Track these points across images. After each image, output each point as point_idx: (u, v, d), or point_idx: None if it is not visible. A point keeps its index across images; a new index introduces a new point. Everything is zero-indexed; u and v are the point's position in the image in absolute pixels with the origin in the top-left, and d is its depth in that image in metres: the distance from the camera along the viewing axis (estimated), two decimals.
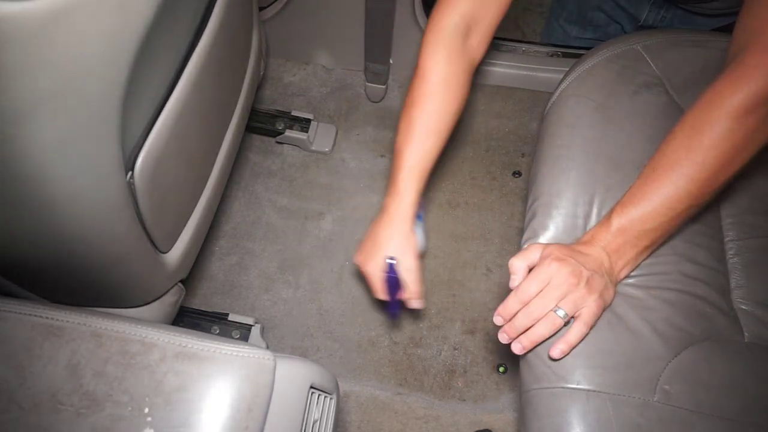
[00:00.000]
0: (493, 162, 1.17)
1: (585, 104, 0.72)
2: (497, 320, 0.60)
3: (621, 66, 0.75)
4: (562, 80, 0.77)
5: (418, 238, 0.77)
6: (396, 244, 0.75)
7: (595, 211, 0.68)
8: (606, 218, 0.62)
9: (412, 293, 0.77)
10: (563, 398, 0.58)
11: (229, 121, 0.79)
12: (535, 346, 0.60)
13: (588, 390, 0.58)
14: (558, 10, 1.18)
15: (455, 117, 0.74)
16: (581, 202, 0.68)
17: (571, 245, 0.62)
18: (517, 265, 0.61)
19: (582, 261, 0.58)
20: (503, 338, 0.60)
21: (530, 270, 0.60)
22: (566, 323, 0.59)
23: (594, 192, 0.68)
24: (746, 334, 0.64)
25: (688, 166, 0.58)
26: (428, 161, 0.74)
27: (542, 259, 0.60)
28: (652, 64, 0.75)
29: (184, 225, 0.71)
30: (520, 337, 0.59)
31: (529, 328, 0.59)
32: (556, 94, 0.77)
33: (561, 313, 0.57)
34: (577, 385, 0.58)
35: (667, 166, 0.59)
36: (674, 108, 0.72)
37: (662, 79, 0.74)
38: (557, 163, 0.71)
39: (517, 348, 0.60)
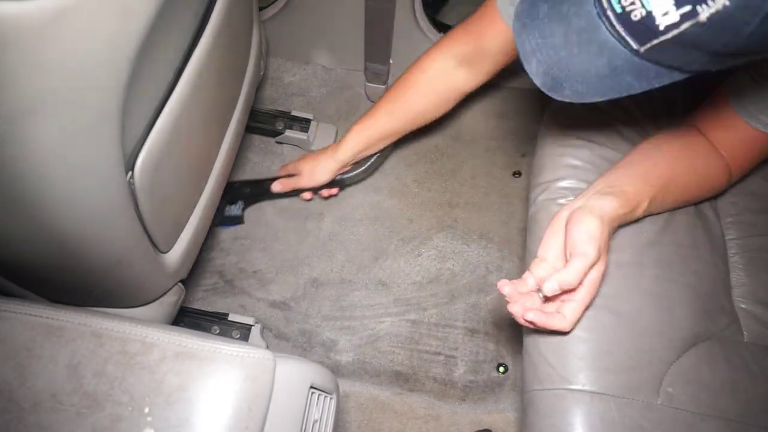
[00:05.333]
0: (493, 162, 1.17)
1: (588, 107, 0.72)
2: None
3: None
4: None
5: None
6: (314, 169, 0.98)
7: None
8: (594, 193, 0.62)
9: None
10: (566, 400, 0.58)
11: (229, 122, 0.79)
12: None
13: (592, 392, 0.58)
14: None
15: (418, 118, 0.87)
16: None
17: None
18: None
19: None
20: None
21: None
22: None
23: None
24: (745, 333, 0.64)
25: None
26: (375, 134, 0.89)
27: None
28: None
29: (184, 225, 0.71)
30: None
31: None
32: None
33: None
34: (582, 386, 0.58)
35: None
36: (677, 109, 0.72)
37: None
38: (561, 161, 0.71)
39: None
